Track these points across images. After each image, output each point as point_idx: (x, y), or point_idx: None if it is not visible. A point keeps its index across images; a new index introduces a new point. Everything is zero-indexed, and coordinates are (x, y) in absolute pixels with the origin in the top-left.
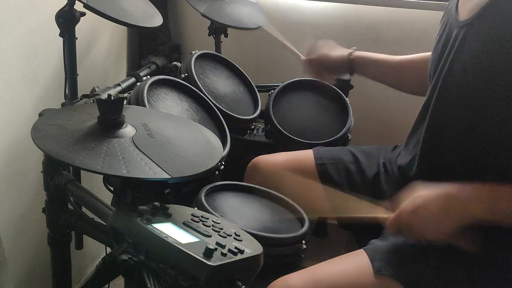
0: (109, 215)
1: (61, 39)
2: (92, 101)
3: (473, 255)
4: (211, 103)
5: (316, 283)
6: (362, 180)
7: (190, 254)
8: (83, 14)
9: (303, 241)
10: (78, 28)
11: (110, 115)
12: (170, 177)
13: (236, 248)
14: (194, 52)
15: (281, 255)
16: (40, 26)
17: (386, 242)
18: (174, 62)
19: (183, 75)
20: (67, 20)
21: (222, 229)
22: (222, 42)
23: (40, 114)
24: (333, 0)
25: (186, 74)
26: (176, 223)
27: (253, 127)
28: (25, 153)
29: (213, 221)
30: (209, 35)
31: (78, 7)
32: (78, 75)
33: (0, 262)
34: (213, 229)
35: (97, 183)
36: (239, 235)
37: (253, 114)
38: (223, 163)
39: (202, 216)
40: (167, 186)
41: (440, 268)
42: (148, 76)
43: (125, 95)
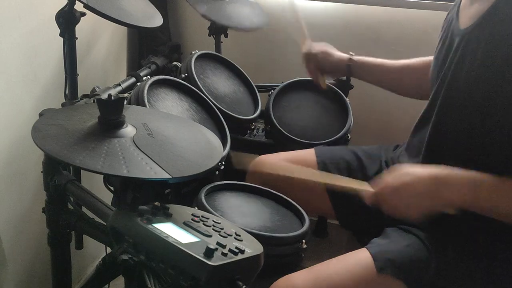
0: (109, 215)
1: (61, 39)
2: (93, 101)
3: (474, 255)
4: (211, 103)
5: (319, 282)
6: (364, 179)
7: (191, 254)
8: (83, 14)
9: (304, 241)
10: (78, 28)
11: (111, 115)
12: (171, 177)
13: (237, 248)
14: (194, 52)
15: (282, 255)
16: (40, 26)
17: (388, 241)
18: (174, 62)
19: (183, 75)
20: (67, 20)
21: (223, 229)
22: (222, 42)
23: (40, 114)
24: (333, 0)
25: (186, 74)
26: (177, 223)
27: (253, 127)
28: (25, 153)
29: (214, 221)
30: (209, 35)
31: (78, 7)
32: (78, 75)
33: (0, 262)
34: (214, 229)
35: (98, 183)
36: (240, 235)
37: (253, 114)
38: (223, 163)
39: (203, 216)
40: (168, 186)
41: (442, 267)
42: (148, 76)
43: (126, 95)
